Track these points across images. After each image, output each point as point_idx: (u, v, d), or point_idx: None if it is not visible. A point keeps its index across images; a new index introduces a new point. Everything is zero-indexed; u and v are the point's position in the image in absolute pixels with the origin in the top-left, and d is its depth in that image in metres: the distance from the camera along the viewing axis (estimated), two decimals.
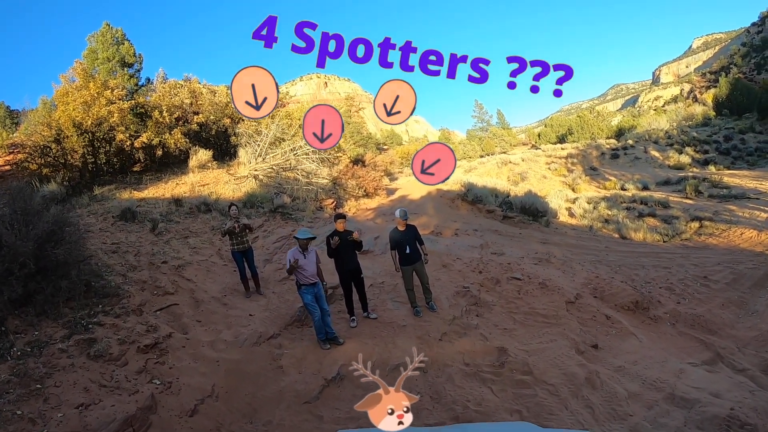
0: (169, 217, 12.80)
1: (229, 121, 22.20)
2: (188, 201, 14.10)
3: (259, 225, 13.62)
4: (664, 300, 9.24)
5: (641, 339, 7.47)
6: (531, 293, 8.31)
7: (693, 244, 13.71)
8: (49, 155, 15.00)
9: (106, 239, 10.15)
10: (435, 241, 11.92)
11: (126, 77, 21.65)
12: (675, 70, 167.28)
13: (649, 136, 38.53)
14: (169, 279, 8.57)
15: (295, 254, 6.73)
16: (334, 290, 8.61)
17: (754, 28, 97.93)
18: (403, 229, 7.85)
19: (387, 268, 9.71)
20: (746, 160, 30.10)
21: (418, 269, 7.78)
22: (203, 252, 10.89)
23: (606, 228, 16.39)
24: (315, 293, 6.84)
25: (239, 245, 8.77)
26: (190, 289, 8.50)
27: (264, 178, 17.49)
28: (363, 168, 22.94)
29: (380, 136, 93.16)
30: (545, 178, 29.45)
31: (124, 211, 11.80)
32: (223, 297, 8.61)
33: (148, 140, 17.11)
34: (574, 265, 11.07)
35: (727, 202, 18.46)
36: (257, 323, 7.35)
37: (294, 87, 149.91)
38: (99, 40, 21.46)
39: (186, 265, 9.61)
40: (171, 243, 10.91)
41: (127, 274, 8.34)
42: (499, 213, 16.52)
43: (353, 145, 49.21)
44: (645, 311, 8.66)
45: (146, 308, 7.29)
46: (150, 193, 14.94)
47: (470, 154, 52.37)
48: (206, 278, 9.39)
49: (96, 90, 16.19)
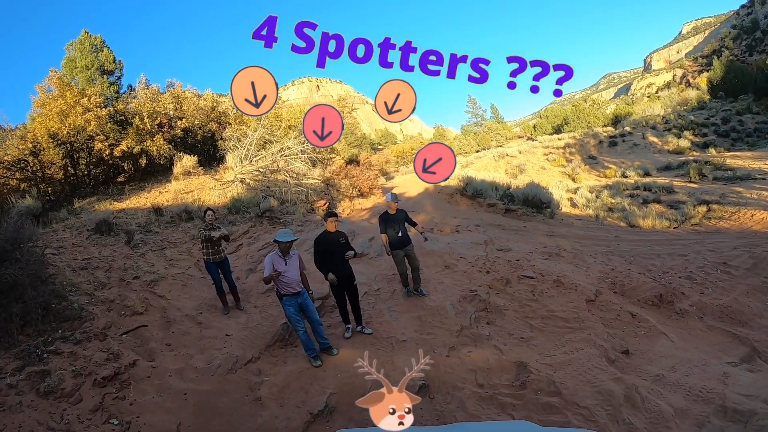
0: (148, 227, 12.04)
1: (216, 125, 21.59)
2: (169, 210, 13.36)
3: (245, 231, 12.82)
4: (687, 291, 8.40)
5: (672, 338, 6.61)
6: (546, 293, 7.40)
7: (704, 229, 13.18)
8: (27, 169, 14.26)
9: (77, 255, 9.38)
10: (435, 239, 11.04)
11: (106, 85, 20.91)
12: (666, 57, 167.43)
13: (647, 122, 38.51)
14: (139, 297, 7.74)
15: (275, 260, 5.83)
16: (323, 301, 7.72)
17: (744, 10, 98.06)
18: (394, 212, 7.78)
19: (383, 272, 8.92)
20: (746, 141, 30.23)
21: (409, 253, 7.69)
22: (180, 264, 10.03)
23: (611, 217, 15.88)
24: (300, 304, 5.94)
25: (214, 255, 7.90)
26: (161, 308, 7.64)
27: (251, 181, 16.70)
28: (357, 167, 22.14)
29: (374, 136, 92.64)
30: (544, 169, 29.18)
31: (100, 224, 11.05)
32: (199, 315, 7.71)
33: (129, 148, 16.45)
34: (586, 257, 10.27)
35: (732, 184, 18.18)
36: (234, 345, 6.45)
37: (286, 91, 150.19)
38: (77, 48, 20.74)
39: (159, 280, 8.77)
40: (146, 256, 10.08)
41: (94, 293, 7.56)
42: (501, 206, 15.75)
43: (347, 146, 48.66)
44: (670, 305, 7.80)
45: (111, 332, 6.48)
46: (131, 203, 14.28)
47: (466, 149, 52.01)
48: (181, 294, 8.53)
49: (73, 99, 15.56)
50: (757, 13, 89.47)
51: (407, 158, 58.03)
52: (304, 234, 12.32)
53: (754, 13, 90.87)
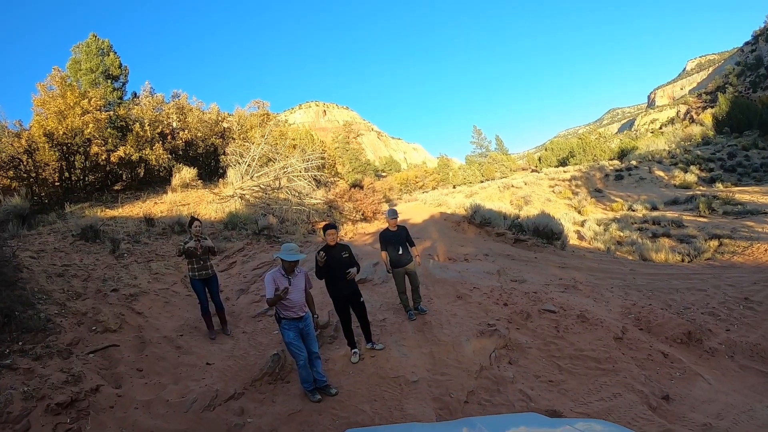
0: (137, 237, 11.50)
1: (219, 140, 21.38)
2: (162, 221, 12.86)
3: (240, 248, 12.21)
4: (714, 328, 7.76)
5: (709, 381, 5.93)
6: (571, 329, 6.69)
7: (719, 264, 12.57)
8: (20, 168, 13.93)
9: (56, 260, 8.75)
10: (445, 267, 10.40)
11: (109, 89, 20.74)
12: (670, 93, 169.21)
13: (653, 156, 38.37)
14: (114, 311, 7.05)
15: (277, 278, 5.15)
16: (321, 330, 6.99)
17: (748, 47, 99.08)
18: (395, 229, 7.59)
19: (389, 300, 8.24)
20: (752, 176, 29.85)
21: (409, 271, 7.57)
22: (165, 279, 9.36)
23: (621, 250, 15.35)
24: (301, 329, 5.26)
25: (200, 271, 7.21)
26: (137, 326, 6.93)
27: (251, 198, 16.22)
28: (361, 191, 21.70)
29: (379, 163, 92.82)
30: (549, 201, 28.83)
31: (85, 230, 10.56)
32: (179, 337, 6.98)
33: (126, 155, 16.15)
34: (603, 291, 9.63)
35: (743, 218, 17.78)
36: (215, 376, 5.69)
37: (293, 115, 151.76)
38: (84, 50, 20.66)
39: (140, 294, 8.09)
40: (130, 267, 9.43)
41: (66, 303, 6.87)
42: (510, 236, 15.19)
43: (352, 171, 48.52)
44: (699, 343, 7.11)
45: (77, 349, 5.78)
46: (124, 211, 13.83)
47: (470, 179, 51.91)
48: (162, 312, 7.82)
49: (73, 100, 15.25)
50: (761, 50, 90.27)
51: (411, 186, 58.11)
52: (304, 254, 11.72)
53: (758, 50, 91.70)
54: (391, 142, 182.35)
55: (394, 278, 7.59)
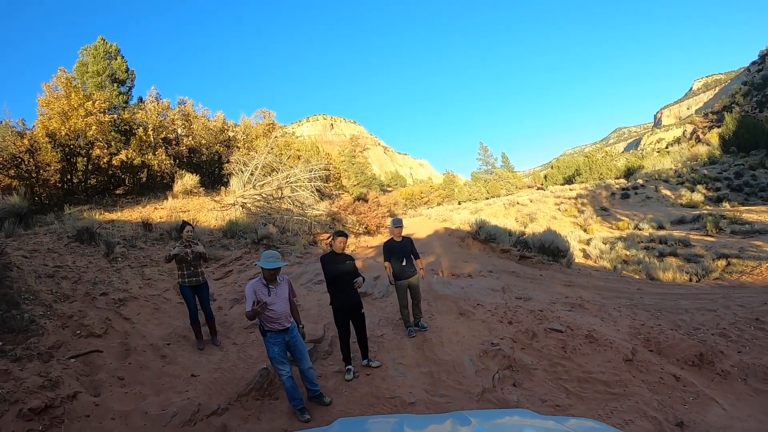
0: (133, 242, 11.40)
1: (223, 148, 21.39)
2: (160, 226, 12.77)
3: (237, 257, 12.01)
4: (725, 350, 7.44)
5: (724, 406, 5.64)
6: (579, 350, 6.38)
7: (728, 283, 12.39)
8: (21, 167, 13.95)
9: (48, 261, 8.62)
10: (448, 283, 10.15)
11: (115, 93, 20.82)
12: (676, 113, 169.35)
13: (659, 175, 38.33)
14: (101, 316, 6.82)
15: (257, 288, 4.86)
16: (315, 345, 6.70)
17: (754, 66, 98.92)
18: (400, 240, 7.45)
19: (388, 315, 8.00)
20: (760, 195, 29.92)
21: (412, 285, 7.37)
22: (157, 285, 9.16)
23: (627, 269, 15.21)
24: (287, 342, 4.96)
25: (190, 278, 6.97)
26: (123, 332, 6.70)
27: (252, 207, 16.09)
28: (365, 205, 21.57)
29: (384, 178, 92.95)
30: (555, 218, 28.78)
31: (81, 232, 10.46)
32: (165, 346, 6.73)
33: (128, 158, 16.22)
34: (610, 310, 9.35)
35: (751, 237, 17.72)
36: (199, 389, 5.42)
37: (300, 127, 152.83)
38: (91, 53, 20.78)
39: (129, 299, 7.87)
40: (122, 272, 9.27)
41: (52, 304, 6.66)
42: (516, 252, 15.00)
43: (357, 185, 48.49)
44: (711, 366, 6.80)
45: (59, 353, 5.56)
46: (123, 215, 13.79)
47: (476, 195, 51.90)
48: (151, 318, 7.59)
49: (77, 101, 15.27)
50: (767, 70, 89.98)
51: (416, 201, 58.03)
52: (303, 267, 11.46)
53: (764, 70, 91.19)
54: (397, 157, 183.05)
55: (397, 291, 7.37)
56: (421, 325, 7.51)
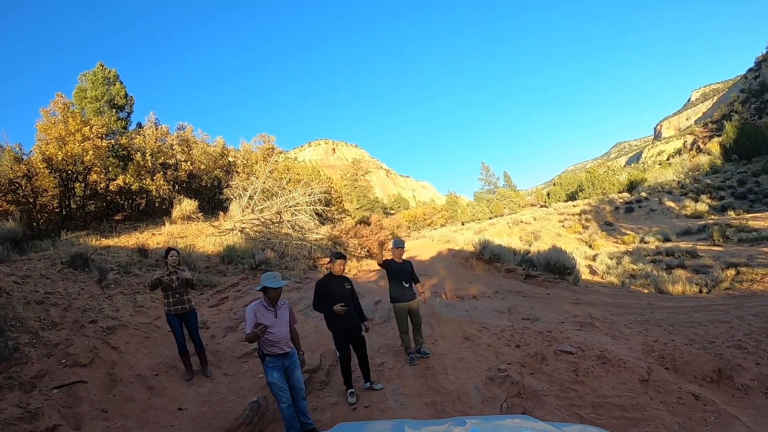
0: (128, 268, 11.23)
1: (222, 173, 21.41)
2: (156, 252, 12.64)
3: (234, 283, 11.82)
4: (743, 362, 7.15)
5: (747, 423, 5.36)
6: (592, 372, 6.11)
7: (739, 293, 12.05)
8: (18, 192, 13.92)
9: (40, 287, 8.44)
10: (452, 305, 9.91)
11: (113, 118, 20.95)
12: (676, 124, 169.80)
13: (662, 187, 38.17)
14: (88, 345, 6.63)
15: (259, 311, 4.69)
16: (311, 374, 6.45)
17: (751, 73, 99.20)
18: (400, 261, 7.22)
19: (389, 342, 7.78)
20: (765, 202, 29.68)
21: (413, 309, 7.12)
22: (149, 312, 8.96)
23: (635, 284, 14.93)
24: (286, 367, 4.77)
25: (176, 306, 6.69)
26: (110, 362, 6.49)
27: (251, 231, 15.97)
28: (367, 227, 21.43)
29: (387, 201, 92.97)
30: (559, 236, 28.56)
31: (74, 258, 10.33)
32: (153, 377, 6.48)
33: (126, 184, 16.23)
34: (621, 327, 9.08)
35: (759, 245, 17.40)
36: (185, 424, 5.20)
37: (303, 152, 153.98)
38: (90, 78, 20.97)
39: (119, 328, 7.67)
40: (114, 298, 9.10)
41: (39, 332, 6.49)
42: (521, 272, 14.75)
43: (360, 209, 48.41)
44: (730, 381, 6.52)
45: (42, 383, 5.38)
46: (119, 241, 13.63)
47: (479, 216, 51.76)
48: (140, 348, 7.37)
49: (75, 126, 15.32)
50: (764, 75, 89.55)
51: (419, 223, 57.91)
52: (302, 292, 11.26)
53: (761, 76, 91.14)
54: (399, 180, 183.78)
55: (396, 316, 7.13)
56: (423, 351, 7.27)
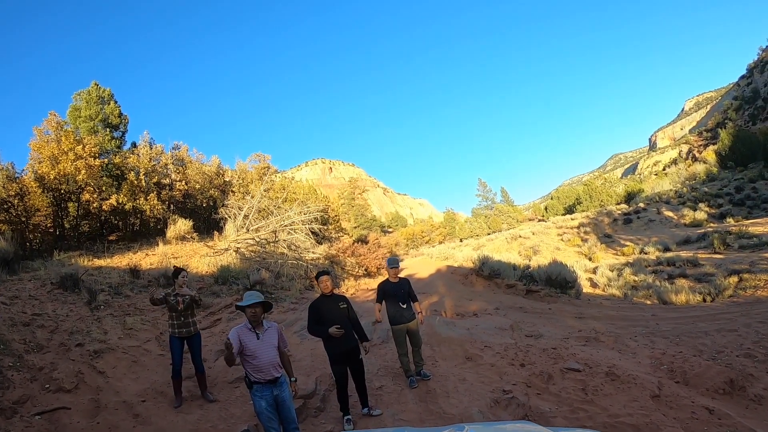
0: (119, 289, 11.01)
1: (218, 193, 21.30)
2: (149, 273, 12.43)
3: (227, 305, 11.54)
4: (754, 371, 6.91)
5: None
6: (601, 390, 5.86)
7: (743, 300, 11.84)
8: (10, 212, 13.75)
9: (28, 308, 8.28)
10: (452, 324, 9.66)
11: (107, 138, 20.84)
12: (670, 134, 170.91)
13: (660, 197, 38.14)
14: (73, 369, 6.39)
15: (242, 333, 4.40)
16: (305, 401, 6.15)
17: (744, 80, 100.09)
18: (396, 281, 6.94)
19: (389, 363, 7.54)
20: (763, 207, 29.55)
21: (411, 330, 6.87)
22: (138, 335, 8.70)
23: (637, 295, 14.73)
24: (276, 396, 4.42)
25: (181, 328, 6.43)
26: (95, 387, 6.24)
27: (246, 251, 15.76)
28: (365, 246, 21.24)
29: (385, 219, 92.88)
30: (559, 249, 28.38)
31: (65, 278, 10.14)
32: (140, 403, 6.20)
33: (119, 203, 16.06)
34: (627, 341, 8.86)
35: (760, 251, 17.21)
36: None
37: (300, 172, 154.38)
38: (84, 97, 20.87)
39: (106, 351, 7.43)
40: (103, 320, 8.84)
41: (24, 355, 6.31)
42: (522, 287, 14.57)
43: (357, 228, 48.22)
44: (743, 391, 6.28)
45: (24, 408, 5.17)
46: (113, 261, 13.44)
47: (477, 232, 51.63)
48: (127, 372, 7.10)
49: (68, 145, 15.22)
50: (757, 82, 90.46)
51: (417, 241, 57.68)
52: (297, 313, 11.02)
53: (754, 83, 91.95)
54: (397, 198, 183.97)
55: (394, 337, 6.88)
56: (423, 373, 7.00)
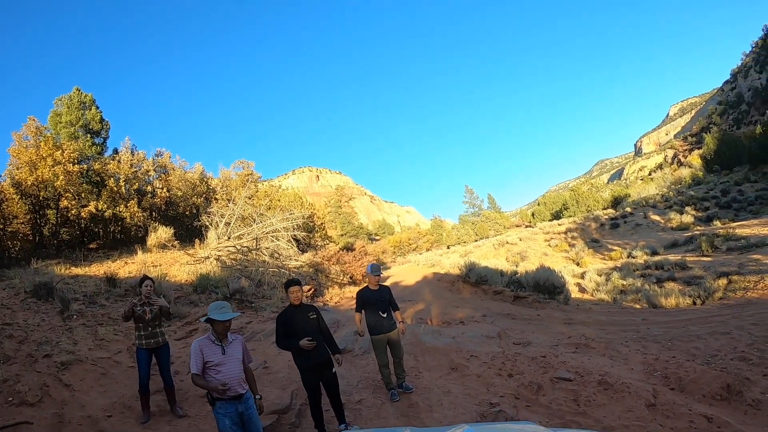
0: (94, 298, 10.67)
1: (201, 200, 20.95)
2: (126, 281, 12.09)
3: (205, 314, 11.10)
4: (750, 375, 6.66)
5: None
6: (594, 401, 5.54)
7: (734, 302, 11.77)
8: None
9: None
10: (437, 332, 9.35)
11: (88, 144, 20.40)
12: (656, 139, 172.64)
13: (646, 202, 38.48)
14: (38, 381, 6.04)
15: (205, 346, 4.08)
16: (279, 416, 5.75)
17: (728, 85, 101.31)
18: (376, 288, 6.59)
19: (369, 375, 7.20)
20: (749, 209, 29.98)
21: (392, 340, 6.53)
22: (110, 347, 8.33)
23: (626, 299, 14.68)
24: (241, 413, 4.04)
25: (148, 339, 6.05)
26: (60, 401, 5.85)
27: (228, 259, 15.35)
28: (350, 253, 20.92)
29: (372, 227, 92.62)
30: (546, 255, 28.39)
31: (38, 287, 9.86)
32: (106, 418, 5.81)
33: (98, 210, 15.67)
34: (618, 347, 8.59)
35: (748, 252, 17.27)
36: None
37: (287, 180, 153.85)
38: (65, 102, 20.47)
39: (75, 362, 7.06)
40: (75, 331, 8.49)
41: None
42: (509, 293, 14.33)
43: (344, 236, 47.89)
44: (740, 396, 6.01)
45: None
46: (90, 270, 13.05)
47: (464, 238, 51.60)
48: (95, 385, 6.72)
49: (47, 151, 14.89)
50: (740, 87, 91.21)
51: (405, 248, 57.40)
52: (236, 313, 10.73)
53: (737, 87, 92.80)
54: (384, 205, 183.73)
55: (374, 348, 6.55)
56: (405, 386, 6.67)
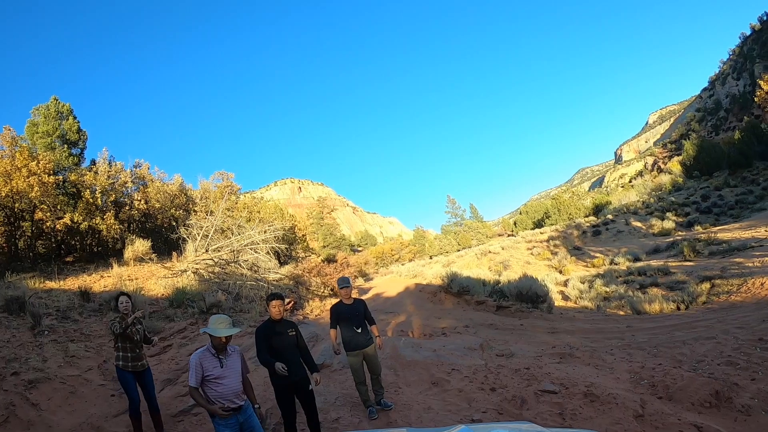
0: (67, 313, 10.33)
1: (180, 212, 20.60)
2: (100, 296, 11.74)
3: (181, 329, 10.88)
4: (738, 380, 6.50)
5: None
6: (580, 414, 5.30)
7: (718, 306, 11.77)
8: None
9: None
10: (418, 345, 9.08)
11: (65, 154, 19.87)
12: (635, 147, 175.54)
13: (628, 209, 38.83)
14: (4, 400, 5.81)
15: (204, 359, 3.89)
16: None
17: (706, 93, 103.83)
18: (350, 302, 6.30)
19: (348, 391, 6.91)
20: (729, 214, 30.24)
21: (368, 355, 6.23)
22: (80, 363, 7.99)
23: (610, 306, 14.67)
24: (242, 423, 3.90)
25: (134, 361, 5.67)
26: (26, 421, 5.57)
27: (205, 272, 14.98)
28: (332, 265, 20.61)
29: (354, 238, 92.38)
30: (529, 263, 28.45)
31: (9, 302, 9.66)
32: None
33: (74, 222, 15.32)
34: (603, 355, 8.41)
35: (730, 256, 17.33)
36: None
37: (269, 192, 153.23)
38: (43, 113, 19.95)
39: (43, 380, 6.72)
40: (45, 347, 8.15)
41: None
42: (492, 303, 14.21)
43: (327, 247, 47.46)
44: (729, 402, 5.83)
45: None
46: (65, 284, 12.74)
47: (447, 248, 51.55)
48: (63, 404, 6.41)
49: (22, 161, 14.52)
50: (719, 94, 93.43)
51: (387, 259, 57.13)
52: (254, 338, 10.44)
53: (715, 95, 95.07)
54: (366, 216, 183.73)
55: (350, 365, 6.25)
56: (384, 403, 6.38)
